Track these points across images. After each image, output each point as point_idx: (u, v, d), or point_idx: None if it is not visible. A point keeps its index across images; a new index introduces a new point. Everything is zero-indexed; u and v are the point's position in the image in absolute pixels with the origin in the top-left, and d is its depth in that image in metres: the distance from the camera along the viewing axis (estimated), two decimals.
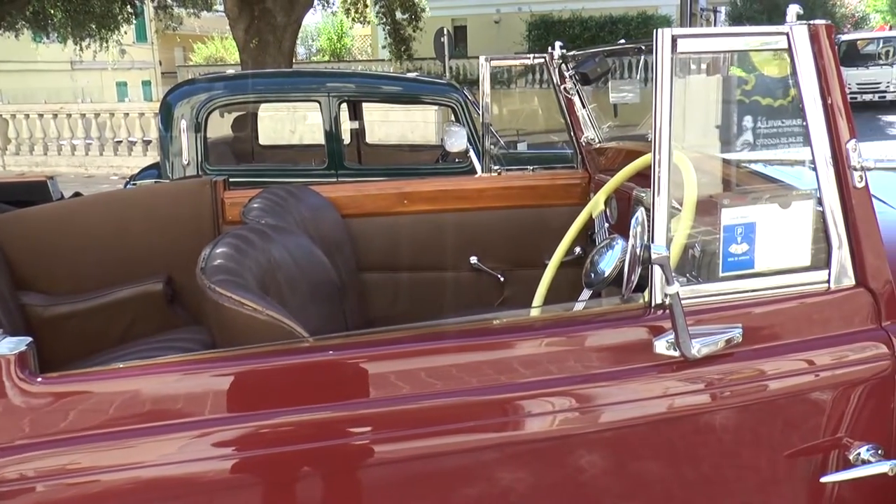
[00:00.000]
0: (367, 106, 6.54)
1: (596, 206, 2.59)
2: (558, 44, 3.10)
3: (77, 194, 4.00)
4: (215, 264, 1.76)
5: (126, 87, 32.36)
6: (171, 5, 18.93)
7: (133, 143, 13.27)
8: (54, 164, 13.41)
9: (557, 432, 1.55)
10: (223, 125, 6.14)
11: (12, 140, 14.00)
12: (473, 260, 3.10)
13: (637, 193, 2.41)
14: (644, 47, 2.64)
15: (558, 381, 1.55)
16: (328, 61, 30.86)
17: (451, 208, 3.06)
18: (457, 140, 4.25)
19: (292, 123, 8.81)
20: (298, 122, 8.72)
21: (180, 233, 2.84)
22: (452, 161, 5.23)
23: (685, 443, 1.63)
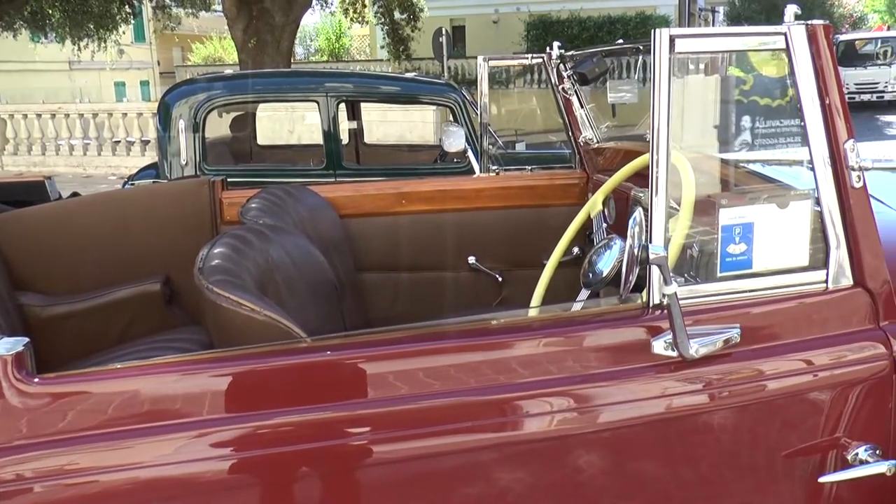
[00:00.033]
0: (366, 106, 6.54)
1: (594, 206, 2.59)
2: (556, 44, 3.10)
3: (75, 194, 3.98)
4: (213, 264, 1.75)
5: (124, 87, 32.38)
6: (169, 5, 18.93)
7: (131, 143, 13.27)
8: (52, 164, 13.40)
9: (556, 432, 1.55)
10: (221, 125, 6.13)
11: (10, 140, 13.99)
12: (472, 260, 3.10)
13: (635, 193, 2.41)
14: (642, 47, 2.64)
15: (557, 382, 1.54)
16: (326, 61, 30.90)
17: (449, 208, 3.06)
18: (455, 140, 4.25)
19: (290, 123, 8.81)
20: (297, 122, 8.72)
21: (178, 233, 2.84)
22: (451, 161, 5.23)
23: (683, 443, 1.63)
